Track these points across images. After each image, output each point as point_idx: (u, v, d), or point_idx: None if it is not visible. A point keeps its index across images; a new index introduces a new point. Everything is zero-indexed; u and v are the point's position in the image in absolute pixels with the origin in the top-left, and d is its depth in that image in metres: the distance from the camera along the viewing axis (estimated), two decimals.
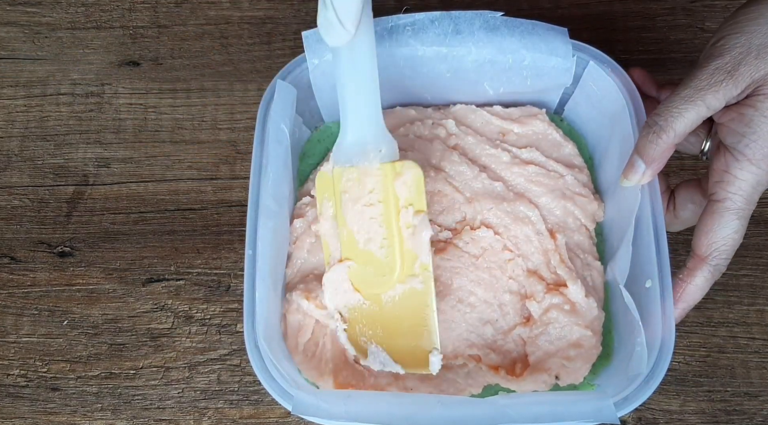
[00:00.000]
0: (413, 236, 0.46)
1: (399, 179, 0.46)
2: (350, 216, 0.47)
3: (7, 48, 0.64)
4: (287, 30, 0.63)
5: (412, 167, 0.46)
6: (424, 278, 0.46)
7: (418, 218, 0.46)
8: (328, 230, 0.48)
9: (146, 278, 0.55)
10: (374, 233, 0.46)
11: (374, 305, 0.47)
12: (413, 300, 0.46)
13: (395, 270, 0.46)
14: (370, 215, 0.46)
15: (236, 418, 0.51)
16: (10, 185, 0.59)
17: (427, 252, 0.46)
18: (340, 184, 0.47)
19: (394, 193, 0.46)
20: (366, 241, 0.47)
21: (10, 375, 0.53)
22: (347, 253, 0.47)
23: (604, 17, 0.62)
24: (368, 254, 0.47)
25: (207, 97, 0.61)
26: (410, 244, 0.46)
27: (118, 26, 0.64)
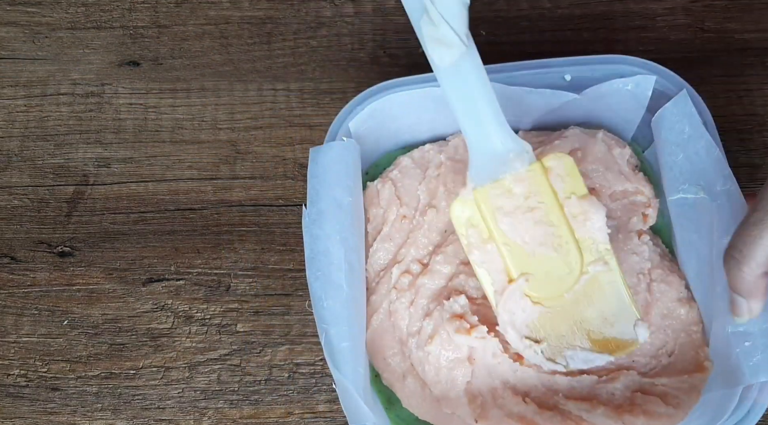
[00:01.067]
0: (585, 223, 0.44)
1: (551, 173, 0.44)
2: (511, 230, 0.44)
3: (7, 48, 0.64)
4: (287, 30, 0.63)
5: (560, 157, 0.44)
6: (607, 258, 0.44)
7: (585, 204, 0.44)
8: (481, 258, 0.45)
9: (146, 278, 0.55)
10: (544, 236, 0.44)
11: (559, 308, 0.44)
12: (600, 284, 0.44)
13: (576, 263, 0.44)
14: (535, 220, 0.44)
15: (236, 418, 0.51)
16: (10, 185, 0.59)
17: (604, 232, 0.44)
18: (487, 203, 0.44)
19: (551, 189, 0.44)
20: (538, 246, 0.44)
21: (10, 375, 0.53)
22: (518, 268, 0.44)
23: (604, 17, 0.62)
24: (543, 258, 0.44)
25: (207, 97, 0.61)
26: (582, 231, 0.44)
27: (118, 26, 0.64)
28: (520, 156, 0.44)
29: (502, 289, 0.45)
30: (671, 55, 0.61)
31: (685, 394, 0.45)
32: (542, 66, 0.50)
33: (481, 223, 0.45)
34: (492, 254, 0.45)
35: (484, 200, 0.44)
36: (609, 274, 0.44)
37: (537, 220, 0.44)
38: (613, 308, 0.44)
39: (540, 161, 0.44)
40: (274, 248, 0.56)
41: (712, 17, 0.62)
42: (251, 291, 0.55)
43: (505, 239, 0.44)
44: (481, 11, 0.63)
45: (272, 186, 0.58)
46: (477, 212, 0.44)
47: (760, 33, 0.61)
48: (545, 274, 0.44)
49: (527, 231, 0.44)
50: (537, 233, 0.44)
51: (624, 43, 0.61)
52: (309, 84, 0.61)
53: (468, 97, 0.42)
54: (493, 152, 0.44)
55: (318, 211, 0.47)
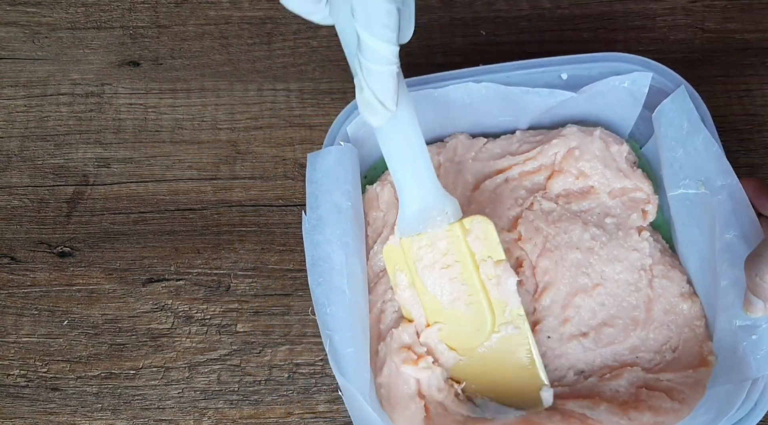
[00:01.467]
0: (498, 286, 0.46)
1: (470, 235, 0.46)
2: (430, 281, 0.46)
3: (7, 48, 0.64)
4: (287, 30, 0.63)
5: (481, 221, 0.46)
6: (518, 323, 0.46)
7: (500, 268, 0.46)
8: (408, 299, 0.48)
9: (146, 278, 0.55)
10: (458, 292, 0.46)
11: (472, 359, 0.47)
12: (511, 345, 0.46)
13: (487, 322, 0.46)
14: (450, 276, 0.46)
15: (236, 418, 0.51)
16: (10, 185, 0.59)
17: (516, 298, 0.46)
18: (411, 253, 0.46)
19: (469, 250, 0.46)
20: (451, 301, 0.46)
21: (10, 375, 0.53)
22: (434, 317, 0.47)
23: (604, 17, 0.62)
24: (456, 313, 0.46)
25: (207, 97, 0.61)
26: (496, 294, 0.46)
27: (118, 26, 0.64)
28: (443, 214, 0.46)
29: (422, 330, 0.47)
30: (671, 55, 0.61)
31: (690, 389, 0.45)
32: (538, 65, 0.50)
33: (405, 268, 0.47)
34: (414, 298, 0.48)
35: (408, 250, 0.47)
36: (520, 337, 0.46)
37: (452, 276, 0.46)
38: (522, 369, 0.46)
39: (461, 221, 0.46)
40: (274, 248, 0.56)
41: (712, 17, 0.62)
42: (251, 291, 0.55)
43: (423, 289, 0.47)
44: (481, 11, 0.63)
45: (272, 186, 0.58)
46: (402, 259, 0.47)
47: (760, 33, 0.61)
48: (457, 326, 0.47)
49: (443, 286, 0.47)
50: (452, 288, 0.46)
51: (624, 43, 0.61)
52: (309, 84, 0.61)
53: (399, 154, 0.44)
54: (420, 207, 0.46)
55: (318, 217, 0.47)
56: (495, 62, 0.60)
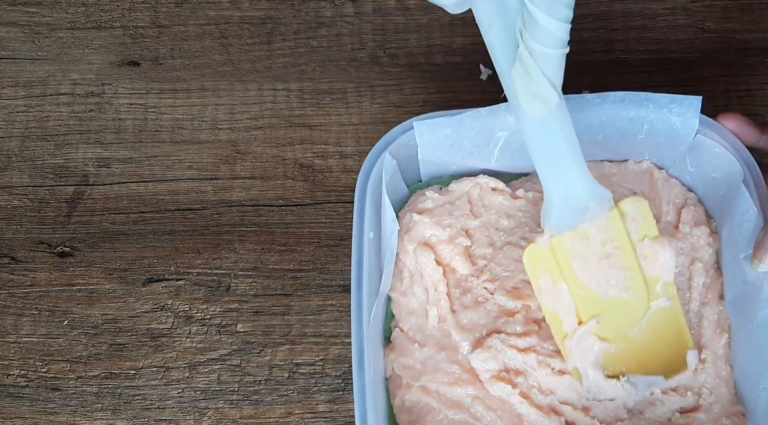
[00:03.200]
0: (654, 262, 0.45)
1: (627, 218, 0.44)
2: (586, 275, 0.45)
3: (7, 48, 0.64)
4: (287, 30, 0.63)
5: (636, 200, 0.45)
6: (670, 295, 0.45)
7: (656, 245, 0.45)
8: (553, 301, 0.46)
9: (146, 278, 0.55)
10: (617, 279, 0.45)
11: (624, 343, 0.46)
12: (661, 318, 0.46)
13: (644, 301, 0.45)
14: (610, 265, 0.45)
15: (236, 418, 0.51)
16: (10, 185, 0.59)
17: (671, 270, 0.45)
18: (564, 251, 0.45)
19: (627, 234, 0.45)
20: (610, 290, 0.45)
21: (10, 375, 0.53)
22: (591, 311, 0.45)
23: (604, 17, 0.62)
24: (615, 301, 0.45)
25: (207, 97, 0.61)
26: (650, 269, 0.45)
27: (118, 26, 0.64)
28: (600, 204, 0.44)
29: (573, 331, 0.45)
30: (671, 55, 0.61)
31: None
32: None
33: (553, 268, 0.45)
34: (562, 298, 0.45)
35: (561, 248, 0.45)
36: (671, 309, 0.45)
37: (612, 264, 0.45)
38: (670, 338, 0.46)
39: (618, 206, 0.44)
40: (274, 248, 0.56)
41: (712, 17, 0.62)
42: (251, 291, 0.55)
43: (580, 283, 0.45)
44: None
45: (272, 186, 0.58)
46: (550, 259, 0.45)
47: (760, 33, 0.61)
48: (615, 315, 0.45)
49: (602, 275, 0.45)
50: (611, 276, 0.45)
51: (624, 43, 0.61)
52: (309, 84, 0.61)
53: (554, 149, 0.42)
54: (573, 202, 0.44)
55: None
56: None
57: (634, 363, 0.46)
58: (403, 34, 0.62)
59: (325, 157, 0.58)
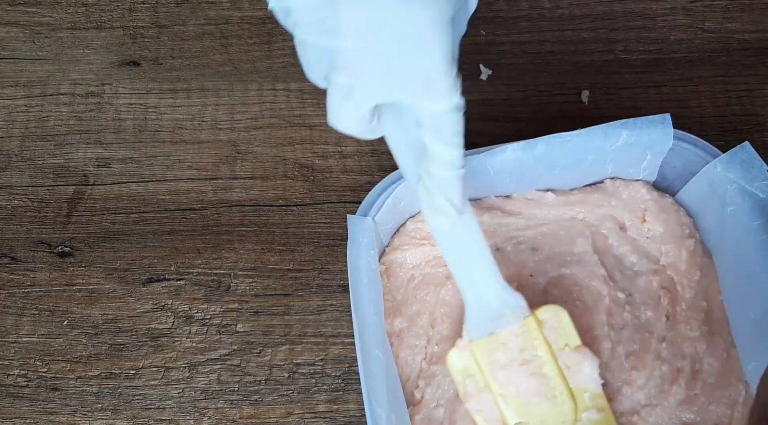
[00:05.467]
0: (578, 373, 0.45)
1: (545, 326, 0.45)
2: (506, 381, 0.45)
3: (7, 48, 0.64)
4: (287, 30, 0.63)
5: (554, 309, 0.46)
6: (600, 406, 0.46)
7: (578, 355, 0.45)
8: (479, 406, 0.46)
9: (146, 278, 0.55)
10: (538, 387, 0.45)
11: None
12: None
13: (570, 412, 0.45)
14: (529, 372, 0.45)
15: (236, 418, 0.51)
16: (10, 185, 0.59)
17: (597, 382, 0.45)
18: (484, 356, 0.45)
19: (545, 341, 0.45)
20: (532, 397, 0.45)
21: (10, 375, 0.53)
22: (514, 417, 0.46)
23: (604, 17, 0.62)
24: (538, 408, 0.45)
25: (207, 97, 0.61)
26: (576, 381, 0.45)
27: (118, 26, 0.64)
28: (514, 311, 0.45)
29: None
30: (671, 55, 0.61)
31: None
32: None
33: (477, 373, 0.46)
34: (488, 403, 0.46)
35: (480, 353, 0.46)
36: (602, 420, 0.46)
37: (531, 372, 0.45)
38: None
39: (534, 314, 0.45)
40: (274, 248, 0.56)
41: (712, 17, 0.62)
42: (251, 291, 0.55)
43: (501, 389, 0.46)
44: (481, 11, 0.63)
45: (272, 186, 0.58)
46: (473, 363, 0.46)
47: (760, 33, 0.61)
48: (540, 422, 0.46)
49: (522, 383, 0.45)
50: (532, 384, 0.45)
51: (624, 43, 0.61)
52: (309, 84, 0.60)
53: (464, 258, 0.44)
54: (488, 308, 0.45)
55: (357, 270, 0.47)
56: (494, 62, 0.61)
57: None
58: None
59: (325, 157, 0.58)
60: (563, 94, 0.60)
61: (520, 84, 0.60)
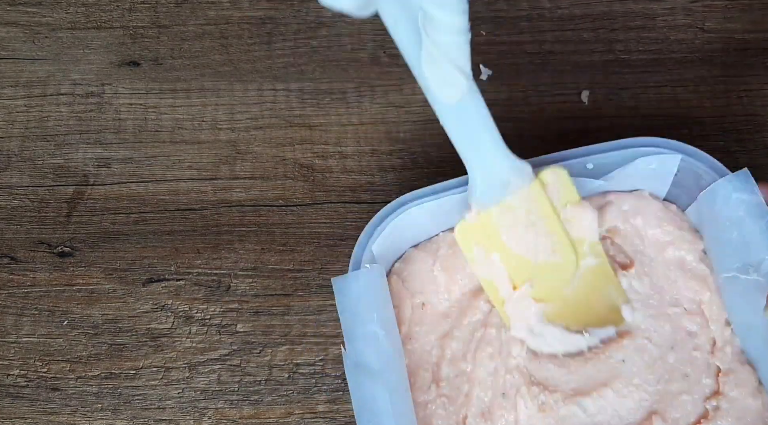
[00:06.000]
0: (577, 225, 0.47)
1: (548, 188, 0.46)
2: (515, 243, 0.47)
3: (7, 48, 0.64)
4: (287, 30, 0.63)
5: (554, 169, 0.47)
6: (596, 252, 0.48)
7: (578, 209, 0.47)
8: (486, 271, 0.48)
9: (146, 278, 0.55)
10: (545, 244, 0.47)
11: (560, 302, 0.48)
12: (592, 275, 0.48)
13: (573, 262, 0.48)
14: (536, 232, 0.47)
15: (236, 418, 0.51)
16: (10, 185, 0.59)
17: (594, 230, 0.48)
18: (492, 223, 0.47)
19: (549, 202, 0.47)
20: (539, 254, 0.47)
21: (10, 375, 0.53)
22: (522, 277, 0.48)
23: (604, 17, 0.62)
24: (544, 265, 0.47)
25: (207, 97, 0.61)
26: (575, 231, 0.48)
27: (118, 26, 0.64)
28: (521, 177, 0.46)
29: (509, 296, 0.48)
30: (671, 55, 0.61)
31: None
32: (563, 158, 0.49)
33: (484, 240, 0.47)
34: (496, 267, 0.48)
35: (489, 221, 0.47)
36: (599, 266, 0.48)
37: (538, 231, 0.47)
38: (604, 294, 0.48)
39: (538, 177, 0.46)
40: (274, 248, 0.56)
41: (712, 17, 0.62)
42: (251, 291, 0.55)
43: (510, 251, 0.47)
44: (481, 11, 0.63)
45: (272, 186, 0.58)
46: (481, 232, 0.47)
47: (760, 33, 0.61)
48: (546, 277, 0.48)
49: (530, 242, 0.47)
50: (539, 242, 0.47)
51: (624, 43, 0.61)
52: (309, 84, 0.61)
53: (470, 130, 0.44)
54: (495, 177, 0.46)
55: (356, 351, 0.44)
56: (494, 62, 0.61)
57: (573, 319, 0.48)
58: None
59: (325, 157, 0.58)
60: (563, 94, 0.60)
61: (520, 84, 0.60)
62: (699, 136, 0.58)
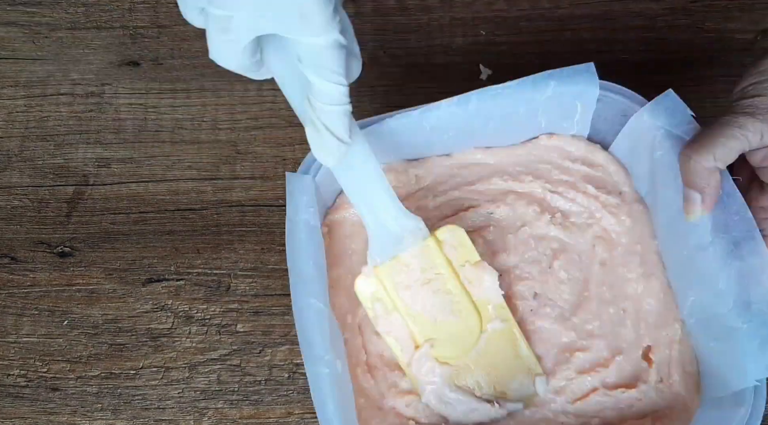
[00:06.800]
0: (480, 286, 0.47)
1: (445, 245, 0.47)
2: (412, 301, 0.47)
3: (7, 48, 0.64)
4: None
5: (452, 229, 0.47)
6: (503, 317, 0.47)
7: (478, 269, 0.47)
8: (389, 328, 0.48)
9: (146, 278, 0.55)
10: (443, 303, 0.47)
11: (464, 366, 0.47)
12: (500, 341, 0.47)
13: (476, 324, 0.47)
14: (433, 290, 0.47)
15: (236, 418, 0.51)
16: (10, 185, 0.59)
17: (498, 293, 0.47)
18: (389, 279, 0.47)
19: (446, 260, 0.47)
20: (438, 314, 0.47)
21: (10, 375, 0.53)
22: (423, 335, 0.47)
23: (604, 17, 0.62)
24: (445, 324, 0.47)
25: (207, 97, 0.61)
26: (478, 293, 0.47)
27: (118, 26, 0.64)
28: (413, 233, 0.47)
29: (410, 355, 0.47)
30: (671, 55, 0.61)
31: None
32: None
33: (384, 296, 0.47)
34: (397, 324, 0.48)
35: (385, 276, 0.47)
36: (507, 331, 0.47)
37: (435, 290, 0.47)
38: (513, 361, 0.47)
39: (433, 235, 0.47)
40: (274, 248, 0.56)
41: (712, 17, 0.62)
42: (251, 291, 0.55)
43: (408, 309, 0.47)
44: (481, 11, 0.63)
45: (272, 186, 0.58)
46: (380, 288, 0.47)
47: (759, 33, 0.61)
48: (448, 337, 0.47)
49: (427, 301, 0.47)
50: (436, 301, 0.47)
51: (624, 43, 0.61)
52: None
53: (360, 188, 0.45)
54: (389, 233, 0.47)
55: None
56: (494, 62, 0.61)
57: (486, 385, 0.47)
58: (403, 34, 0.62)
59: None
60: None
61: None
62: None
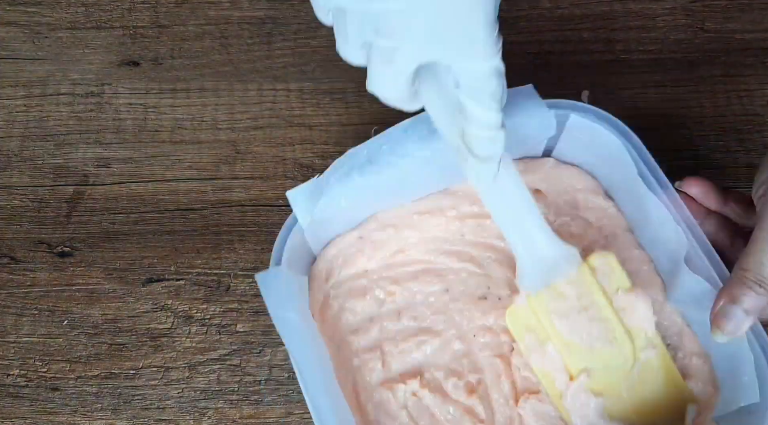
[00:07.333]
0: (632, 314, 0.46)
1: (597, 272, 0.46)
2: (568, 330, 0.46)
3: (7, 48, 0.64)
4: (287, 30, 0.63)
5: (603, 256, 0.46)
6: (655, 344, 0.47)
7: (631, 297, 0.46)
8: (542, 361, 0.47)
9: (146, 278, 0.55)
10: (599, 331, 0.46)
11: (617, 397, 0.46)
12: (652, 368, 0.47)
13: (630, 352, 0.46)
14: (589, 318, 0.46)
15: (236, 418, 0.51)
16: (10, 185, 0.59)
17: (651, 321, 0.46)
18: (542, 308, 0.46)
19: (600, 287, 0.46)
20: (594, 342, 0.46)
21: (10, 375, 0.53)
22: (578, 365, 0.46)
23: (604, 17, 0.62)
24: (600, 352, 0.46)
25: (207, 97, 0.61)
26: (630, 321, 0.46)
27: (118, 26, 0.64)
28: (568, 260, 0.46)
29: (564, 386, 0.46)
30: (671, 55, 0.61)
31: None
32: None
33: (537, 327, 0.46)
34: (550, 356, 0.46)
35: (539, 305, 0.46)
36: (659, 358, 0.47)
37: (591, 317, 0.46)
38: (665, 389, 0.47)
39: (586, 262, 0.46)
40: None
41: (712, 17, 0.62)
42: (251, 291, 0.55)
43: (563, 339, 0.46)
44: None
45: (272, 186, 0.58)
46: (532, 317, 0.46)
47: (760, 33, 0.61)
48: (604, 367, 0.46)
49: (583, 329, 0.46)
50: (592, 329, 0.46)
51: (624, 43, 0.61)
52: (309, 84, 0.61)
53: (511, 214, 0.45)
54: (542, 260, 0.46)
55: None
56: None
57: (636, 416, 0.46)
58: None
59: (325, 157, 0.58)
60: (563, 95, 0.59)
61: (521, 84, 0.60)
62: (699, 136, 0.58)
